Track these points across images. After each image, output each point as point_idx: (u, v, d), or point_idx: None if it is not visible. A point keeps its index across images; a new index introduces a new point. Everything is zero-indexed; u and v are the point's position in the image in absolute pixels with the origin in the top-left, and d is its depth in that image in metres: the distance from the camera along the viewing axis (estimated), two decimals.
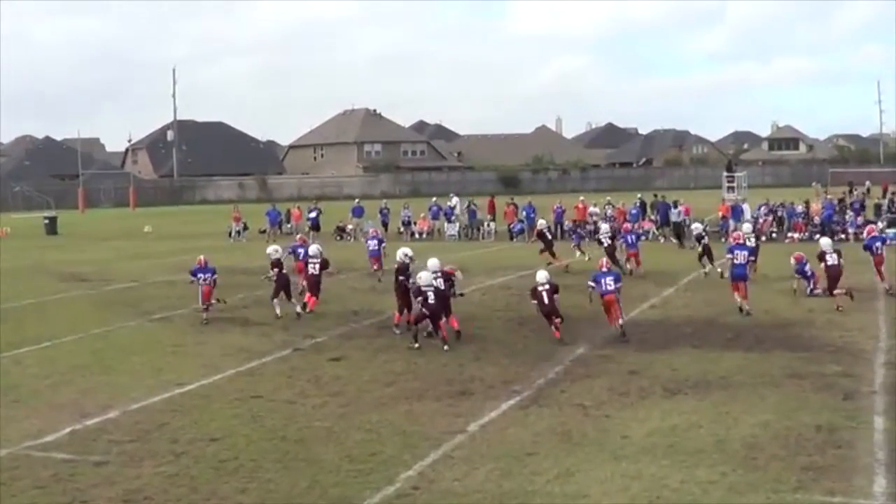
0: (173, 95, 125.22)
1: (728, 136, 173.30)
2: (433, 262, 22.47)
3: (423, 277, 21.43)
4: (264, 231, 53.47)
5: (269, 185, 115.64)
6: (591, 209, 51.67)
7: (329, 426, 14.78)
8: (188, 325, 24.49)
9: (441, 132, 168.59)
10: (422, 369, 18.67)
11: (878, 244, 28.08)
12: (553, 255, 34.92)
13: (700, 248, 32.39)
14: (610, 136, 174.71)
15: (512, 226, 51.07)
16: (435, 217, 54.10)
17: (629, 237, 34.33)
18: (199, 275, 25.56)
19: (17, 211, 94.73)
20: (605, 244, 34.26)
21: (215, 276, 25.75)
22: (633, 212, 49.09)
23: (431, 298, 21.03)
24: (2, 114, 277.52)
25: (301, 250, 29.61)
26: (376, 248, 33.49)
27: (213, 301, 25.31)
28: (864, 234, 30.75)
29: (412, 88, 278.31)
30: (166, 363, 19.81)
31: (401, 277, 22.92)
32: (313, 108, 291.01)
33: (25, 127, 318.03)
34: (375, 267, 33.03)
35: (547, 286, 21.45)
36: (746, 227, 33.88)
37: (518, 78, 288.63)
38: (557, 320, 21.29)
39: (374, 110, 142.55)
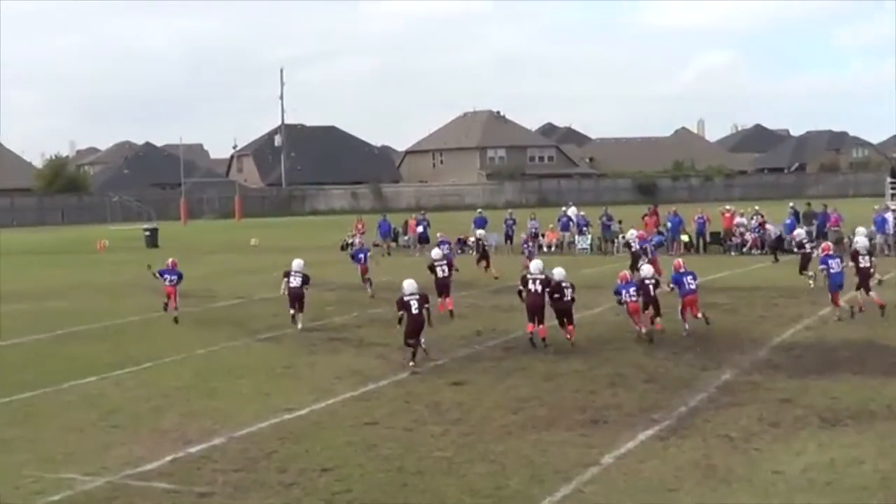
0: (281, 98, 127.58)
1: (892, 138, 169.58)
2: (410, 284, 22.72)
3: (407, 287, 22.52)
4: (377, 245, 53.80)
5: (384, 194, 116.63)
6: (738, 219, 50.97)
7: (449, 456, 14.84)
8: (298, 345, 24.82)
9: (571, 136, 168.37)
10: (551, 395, 18.63)
11: None
12: (487, 265, 38.73)
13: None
14: (758, 138, 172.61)
15: (650, 238, 50.59)
16: (565, 228, 53.88)
17: None
18: (166, 275, 29.43)
19: (115, 222, 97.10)
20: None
21: (181, 280, 29.69)
22: (787, 222, 48.24)
23: (415, 308, 22.05)
24: (99, 119, 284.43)
25: (361, 255, 35.41)
26: (363, 257, 36.00)
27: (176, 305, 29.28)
28: None
29: (540, 89, 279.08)
30: (275, 386, 20.09)
31: (551, 292, 23.68)
32: (432, 111, 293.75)
33: (124, 132, 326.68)
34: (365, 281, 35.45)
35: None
36: (861, 241, 31.63)
37: (656, 76, 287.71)
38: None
39: (499, 112, 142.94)
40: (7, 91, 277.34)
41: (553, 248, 51.93)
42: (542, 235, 53.18)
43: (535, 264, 24.39)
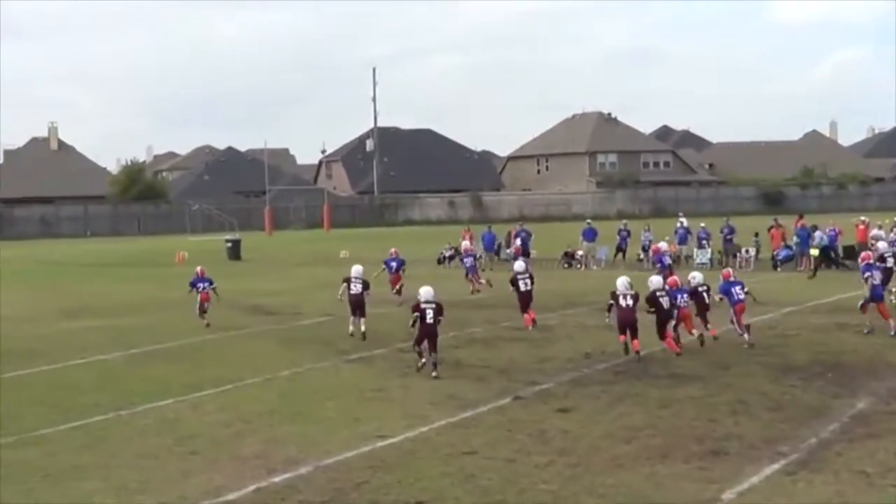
0: (373, 100, 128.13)
1: None
2: (427, 291, 24.48)
3: (424, 294, 24.28)
4: (479, 257, 53.70)
5: (484, 203, 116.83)
6: (875, 231, 50.17)
7: (555, 490, 14.77)
8: (390, 366, 24.90)
9: (689, 140, 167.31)
10: (666, 423, 18.48)
11: None
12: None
13: None
14: None
15: (776, 252, 50.13)
16: (682, 241, 53.39)
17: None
18: (199, 284, 33.14)
19: (195, 233, 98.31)
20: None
21: (213, 286, 33.30)
22: None
23: (430, 317, 23.78)
24: (179, 122, 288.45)
25: (393, 263, 38.17)
26: (473, 264, 40.33)
27: (207, 307, 32.62)
28: None
29: (654, 89, 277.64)
30: (365, 411, 20.13)
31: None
32: (537, 113, 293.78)
33: (205, 136, 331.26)
34: (472, 287, 39.29)
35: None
36: (882, 245, 34.84)
37: (783, 75, 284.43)
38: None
39: (609, 114, 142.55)
40: (81, 92, 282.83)
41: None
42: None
43: (622, 280, 25.99)
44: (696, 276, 27.42)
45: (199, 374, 24.53)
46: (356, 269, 30.33)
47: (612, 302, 25.53)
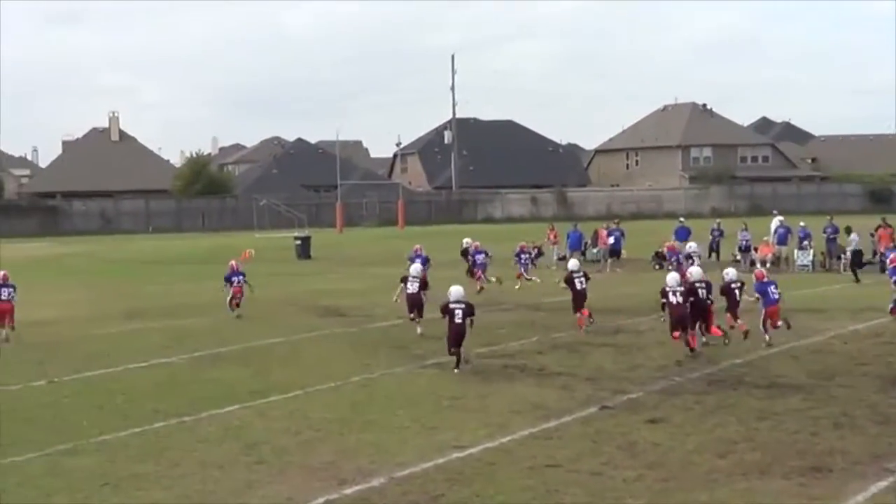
0: (452, 89, 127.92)
1: None
2: (457, 291, 26.04)
3: (454, 294, 25.71)
4: (563, 258, 53.45)
5: (569, 200, 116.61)
6: None
7: None
8: (469, 373, 24.87)
9: (790, 132, 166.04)
10: (764, 436, 18.34)
11: None
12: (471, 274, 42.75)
13: None
14: None
15: (884, 254, 49.51)
16: (782, 241, 52.81)
17: None
18: (233, 279, 36.28)
19: (262, 229, 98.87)
20: None
21: (246, 279, 36.50)
22: None
23: (459, 317, 25.12)
24: (245, 112, 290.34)
25: (479, 256, 42.36)
26: (484, 261, 42.88)
27: (239, 301, 35.92)
28: None
29: (752, 78, 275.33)
30: (442, 420, 20.18)
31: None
32: (626, 104, 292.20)
33: (273, 127, 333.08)
34: (479, 285, 40.80)
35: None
36: None
37: (891, 64, 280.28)
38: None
39: (704, 105, 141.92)
40: (144, 80, 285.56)
41: (768, 265, 51.06)
42: (755, 249, 52.13)
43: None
44: (729, 273, 29.04)
45: (265, 378, 24.69)
46: (414, 269, 32.01)
47: (664, 300, 27.15)
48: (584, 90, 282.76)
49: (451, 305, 25.40)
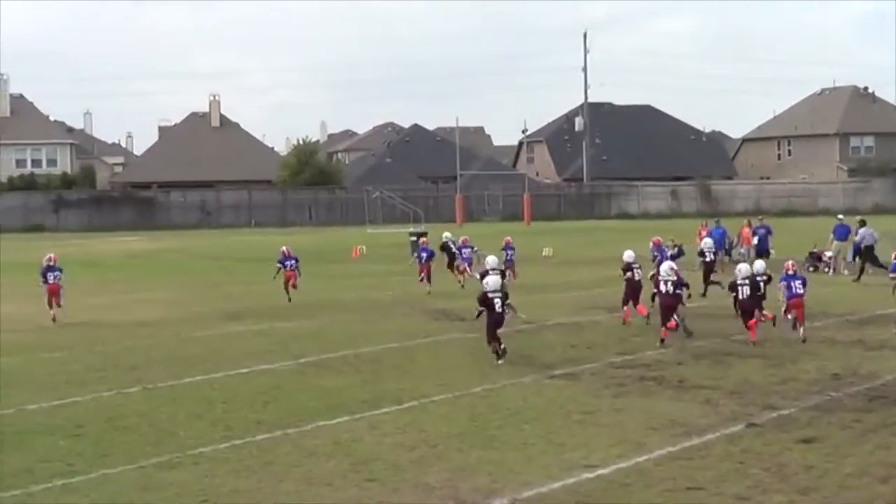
0: (584, 70, 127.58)
1: None
2: (494, 281, 28.44)
3: (492, 283, 27.88)
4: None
5: (713, 194, 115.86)
6: None
7: None
8: (602, 384, 24.82)
9: None
10: None
11: None
12: (453, 269, 47.31)
13: None
14: None
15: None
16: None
17: None
18: (287, 263, 42.26)
19: (374, 224, 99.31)
20: None
21: (298, 264, 42.55)
22: None
23: (498, 307, 27.39)
24: (357, 96, 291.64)
25: (465, 251, 46.07)
26: (469, 256, 46.64)
27: (296, 283, 42.00)
28: None
29: None
30: (570, 436, 20.12)
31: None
32: (777, 87, 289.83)
33: (387, 112, 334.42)
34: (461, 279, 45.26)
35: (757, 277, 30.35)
36: None
37: None
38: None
39: (866, 88, 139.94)
40: (247, 61, 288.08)
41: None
42: None
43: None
44: (757, 266, 32.07)
45: (377, 388, 24.80)
46: (491, 260, 32.97)
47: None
48: (731, 72, 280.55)
49: (490, 295, 27.56)
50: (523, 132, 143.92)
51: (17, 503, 16.43)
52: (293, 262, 42.50)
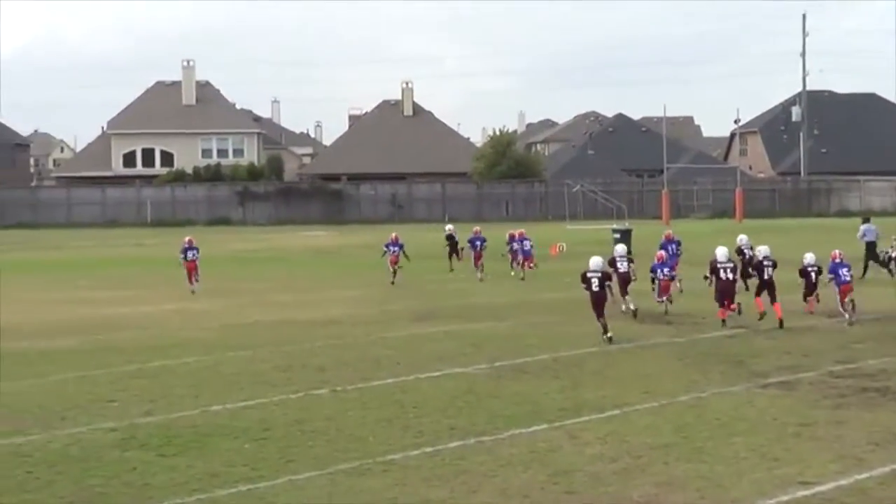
0: (802, 55, 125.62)
1: None
2: (595, 261, 32.82)
3: (592, 263, 32.18)
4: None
5: None
6: None
7: None
8: (819, 395, 24.51)
9: None
10: None
11: None
12: (457, 256, 55.32)
13: None
14: None
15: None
16: None
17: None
18: (391, 248, 50.10)
19: (575, 219, 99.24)
20: None
21: (403, 249, 50.44)
22: None
23: (596, 285, 31.52)
24: (557, 83, 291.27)
25: (478, 242, 52.33)
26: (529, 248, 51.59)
27: (398, 267, 49.62)
28: None
29: None
30: (785, 450, 19.90)
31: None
32: None
33: (589, 101, 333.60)
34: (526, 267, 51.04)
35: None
36: None
37: None
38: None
39: None
40: (442, 47, 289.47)
41: None
42: None
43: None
44: (807, 257, 36.97)
45: (576, 394, 24.81)
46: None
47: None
48: None
49: (589, 274, 31.88)
50: (735, 122, 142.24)
51: None
52: (398, 248, 50.44)
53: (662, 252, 40.76)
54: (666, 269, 38.53)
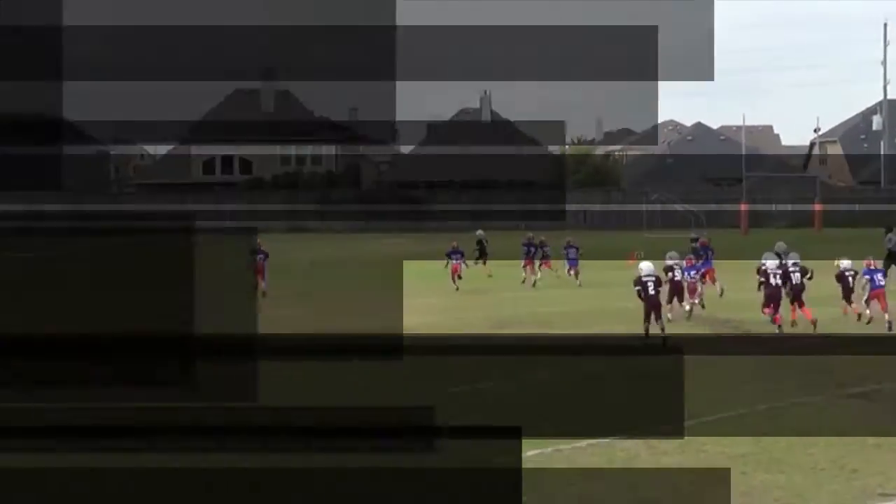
0: (883, 64, 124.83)
1: None
2: (647, 266, 33.92)
3: (645, 268, 33.22)
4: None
5: None
6: None
7: None
8: None
9: None
10: None
11: None
12: (483, 261, 57.11)
13: None
14: None
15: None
16: None
17: None
18: (453, 256, 51.37)
19: (653, 228, 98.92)
20: None
21: (464, 258, 51.99)
22: None
23: (651, 289, 32.49)
24: (634, 91, 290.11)
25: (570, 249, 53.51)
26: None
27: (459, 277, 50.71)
28: None
29: None
30: (865, 461, 19.71)
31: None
32: None
33: (668, 109, 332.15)
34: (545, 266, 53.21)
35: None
36: None
37: None
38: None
39: None
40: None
41: None
42: None
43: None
44: (843, 262, 37.59)
45: (653, 403, 24.71)
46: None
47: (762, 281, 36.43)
48: None
49: (644, 279, 32.79)
50: (815, 131, 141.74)
51: None
52: (459, 255, 51.79)
53: (691, 257, 42.88)
54: (692, 272, 39.83)
